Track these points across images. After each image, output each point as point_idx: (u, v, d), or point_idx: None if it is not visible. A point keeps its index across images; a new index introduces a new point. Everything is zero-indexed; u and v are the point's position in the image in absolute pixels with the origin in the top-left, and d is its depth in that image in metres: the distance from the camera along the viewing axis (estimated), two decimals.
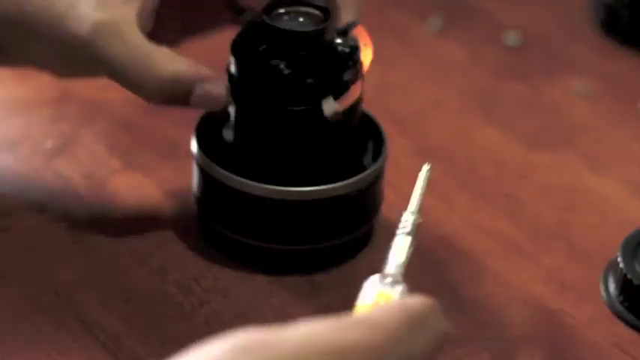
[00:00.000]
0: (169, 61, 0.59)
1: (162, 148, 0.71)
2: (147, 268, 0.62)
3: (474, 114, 0.78)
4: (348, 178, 0.61)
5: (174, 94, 0.59)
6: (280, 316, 0.59)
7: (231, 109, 0.61)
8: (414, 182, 0.71)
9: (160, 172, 0.69)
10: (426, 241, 0.66)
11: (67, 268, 0.62)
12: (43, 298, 0.60)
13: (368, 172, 0.62)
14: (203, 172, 0.62)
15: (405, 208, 0.69)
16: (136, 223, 0.65)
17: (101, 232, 0.64)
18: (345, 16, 0.63)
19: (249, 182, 0.60)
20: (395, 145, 0.74)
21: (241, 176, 0.60)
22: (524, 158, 0.74)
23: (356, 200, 0.62)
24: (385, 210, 0.68)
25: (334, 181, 0.60)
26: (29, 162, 0.69)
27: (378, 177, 0.63)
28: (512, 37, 0.87)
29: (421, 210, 0.51)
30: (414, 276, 0.63)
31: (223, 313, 0.60)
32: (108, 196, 0.67)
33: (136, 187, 0.68)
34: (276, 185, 0.60)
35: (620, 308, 0.61)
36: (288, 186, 0.60)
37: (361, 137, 0.64)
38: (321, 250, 0.62)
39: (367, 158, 0.64)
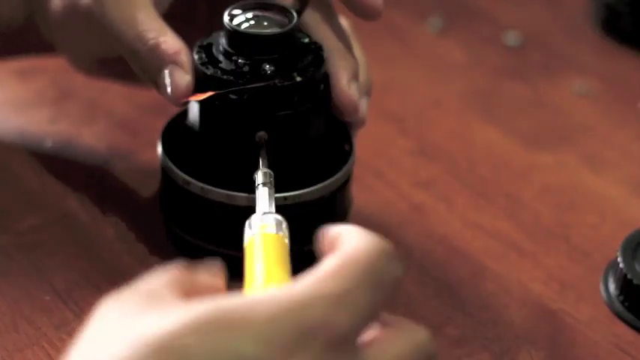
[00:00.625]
0: (155, 33, 0.58)
1: None
2: (147, 268, 0.62)
3: (474, 114, 0.78)
4: (316, 183, 0.59)
5: (150, 69, 0.58)
6: None
7: (194, 110, 0.59)
8: (414, 182, 0.71)
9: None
10: (426, 241, 0.66)
11: (67, 268, 0.62)
12: (43, 298, 0.60)
13: (334, 178, 0.60)
14: (166, 176, 0.61)
15: (404, 208, 0.69)
16: (136, 223, 0.65)
17: (101, 232, 0.64)
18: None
19: (212, 188, 0.58)
20: (395, 144, 0.74)
21: (205, 182, 0.58)
22: (524, 158, 0.74)
23: (323, 207, 0.60)
24: (384, 208, 0.68)
25: (301, 188, 0.58)
26: (29, 162, 0.69)
27: (346, 182, 0.61)
28: (512, 37, 0.87)
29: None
30: (414, 276, 0.63)
31: None
32: (108, 196, 0.67)
33: (136, 187, 0.68)
34: (242, 192, 0.58)
35: (620, 308, 0.61)
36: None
37: (330, 141, 0.62)
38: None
39: (338, 161, 0.62)
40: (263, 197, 0.55)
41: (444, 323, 0.60)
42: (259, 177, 0.56)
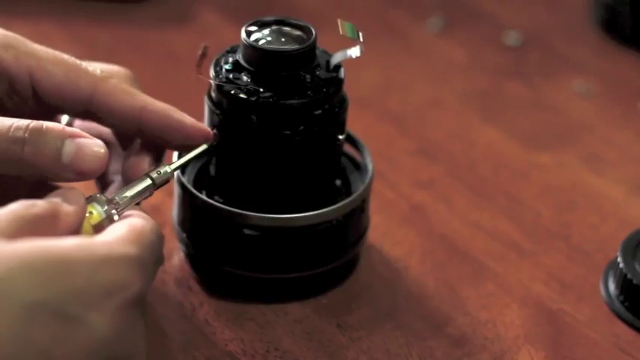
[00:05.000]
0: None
1: None
2: None
3: (474, 114, 0.78)
4: (332, 204, 0.59)
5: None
6: (281, 314, 0.59)
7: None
8: (413, 181, 0.71)
9: None
10: (426, 241, 0.66)
11: None
12: None
13: (351, 198, 0.59)
14: (187, 200, 0.60)
15: (404, 208, 0.69)
16: None
17: None
18: None
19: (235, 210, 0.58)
20: (395, 144, 0.74)
21: (225, 204, 0.58)
22: (524, 158, 0.74)
23: (340, 227, 0.59)
24: (382, 209, 0.68)
25: (317, 208, 0.58)
26: None
27: (364, 201, 0.61)
28: (512, 37, 0.87)
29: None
30: (413, 276, 0.63)
31: (223, 313, 0.60)
32: None
33: None
34: (261, 212, 0.57)
35: (620, 308, 0.61)
36: (273, 213, 0.57)
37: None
38: (304, 279, 0.60)
39: (354, 183, 0.62)
40: (133, 186, 0.54)
41: (444, 323, 0.60)
42: (157, 170, 0.55)
